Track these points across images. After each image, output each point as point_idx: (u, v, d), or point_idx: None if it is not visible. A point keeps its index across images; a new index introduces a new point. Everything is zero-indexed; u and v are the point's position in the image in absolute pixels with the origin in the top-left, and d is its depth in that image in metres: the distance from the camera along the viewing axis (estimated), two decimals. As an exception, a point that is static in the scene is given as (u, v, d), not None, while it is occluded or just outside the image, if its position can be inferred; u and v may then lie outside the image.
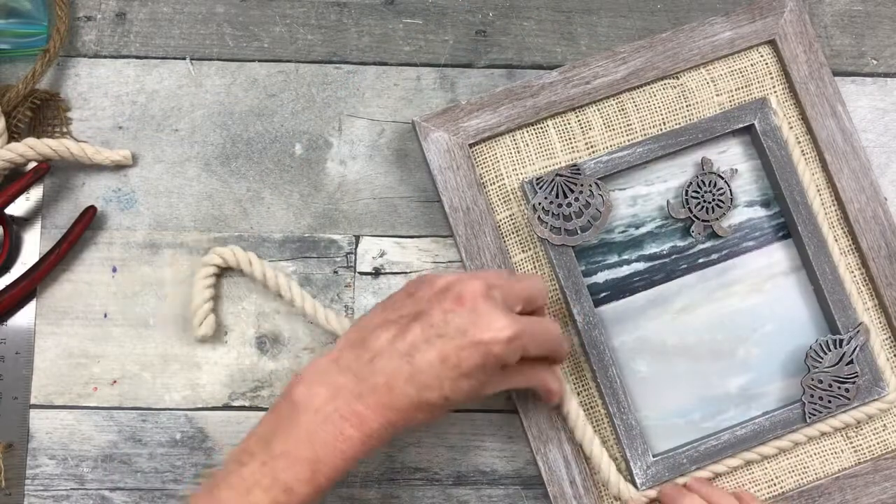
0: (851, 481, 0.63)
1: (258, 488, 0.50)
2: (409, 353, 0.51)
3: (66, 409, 0.64)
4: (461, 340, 0.51)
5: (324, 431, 0.51)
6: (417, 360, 0.51)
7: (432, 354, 0.51)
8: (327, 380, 0.52)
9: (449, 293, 0.53)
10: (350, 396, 0.51)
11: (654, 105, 0.65)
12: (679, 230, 0.65)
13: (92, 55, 0.67)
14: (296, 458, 0.50)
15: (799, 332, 0.65)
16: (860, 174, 0.65)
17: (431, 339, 0.51)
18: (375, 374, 0.51)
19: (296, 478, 0.50)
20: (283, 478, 0.50)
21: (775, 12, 0.66)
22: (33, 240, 0.65)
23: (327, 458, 0.51)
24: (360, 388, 0.51)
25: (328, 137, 0.67)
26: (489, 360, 0.52)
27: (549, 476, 0.62)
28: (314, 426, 0.51)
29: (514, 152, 0.65)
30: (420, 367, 0.51)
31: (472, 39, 0.68)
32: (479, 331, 0.51)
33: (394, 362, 0.51)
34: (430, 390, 0.51)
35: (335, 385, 0.52)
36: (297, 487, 0.50)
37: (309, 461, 0.50)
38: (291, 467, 0.50)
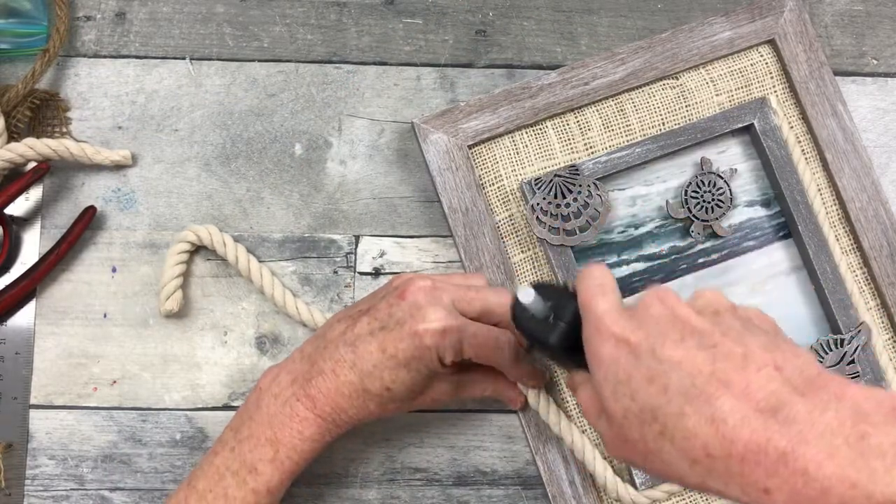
0: (852, 482, 0.63)
1: (228, 472, 0.54)
2: (353, 342, 0.55)
3: (65, 409, 0.64)
4: (398, 331, 0.54)
5: (281, 413, 0.55)
6: (360, 349, 0.54)
7: (373, 345, 0.54)
8: (290, 367, 0.57)
9: (397, 290, 0.56)
10: (303, 380, 0.55)
11: (653, 105, 0.65)
12: (678, 230, 0.65)
13: (92, 55, 0.67)
14: (258, 440, 0.55)
15: (800, 331, 0.65)
16: (861, 173, 0.65)
17: (374, 330, 0.55)
18: (325, 361, 0.55)
19: (259, 458, 0.54)
20: (250, 459, 0.54)
21: (775, 12, 0.66)
22: (33, 240, 0.65)
23: (285, 438, 0.54)
24: (312, 373, 0.55)
25: (328, 137, 0.67)
26: (423, 351, 0.54)
27: (549, 476, 0.62)
28: (274, 408, 0.55)
29: (513, 153, 0.65)
30: (362, 355, 0.54)
31: (472, 39, 0.68)
32: (414, 322, 0.54)
33: (340, 351, 0.55)
34: (371, 378, 0.54)
35: (294, 371, 0.56)
36: (261, 467, 0.54)
37: (270, 441, 0.54)
38: (255, 448, 0.54)
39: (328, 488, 0.63)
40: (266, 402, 0.56)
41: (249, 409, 0.56)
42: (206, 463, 0.56)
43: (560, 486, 0.62)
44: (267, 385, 0.56)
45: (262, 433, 0.55)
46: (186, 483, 0.56)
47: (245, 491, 0.54)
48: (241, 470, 0.54)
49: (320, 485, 0.63)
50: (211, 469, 0.55)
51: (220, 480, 0.54)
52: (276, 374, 0.57)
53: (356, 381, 0.55)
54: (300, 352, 0.57)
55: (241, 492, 0.54)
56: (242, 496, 0.54)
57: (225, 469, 0.55)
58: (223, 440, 0.56)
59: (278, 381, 0.56)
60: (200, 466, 0.56)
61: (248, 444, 0.55)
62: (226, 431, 0.57)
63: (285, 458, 0.55)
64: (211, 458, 0.56)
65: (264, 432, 0.55)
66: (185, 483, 0.56)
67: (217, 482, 0.54)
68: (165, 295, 0.63)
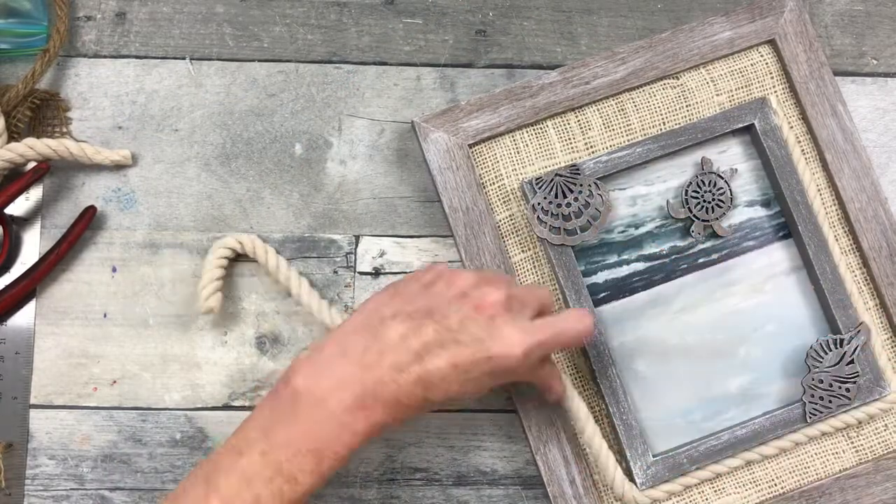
0: (853, 481, 0.63)
1: (259, 479, 0.49)
2: (420, 354, 0.51)
3: (66, 409, 0.64)
4: (475, 349, 0.51)
5: (328, 423, 0.50)
6: (428, 362, 0.50)
7: (444, 360, 0.50)
8: (333, 370, 0.51)
9: (469, 298, 0.52)
10: (356, 389, 0.50)
11: (653, 105, 0.65)
12: (679, 230, 0.65)
13: (92, 55, 0.67)
14: (299, 449, 0.50)
15: (799, 331, 0.65)
16: (861, 173, 0.65)
17: (446, 343, 0.51)
18: (384, 370, 0.50)
19: (300, 468, 0.50)
20: (287, 468, 0.49)
21: (775, 12, 0.66)
22: (33, 240, 0.65)
23: (331, 450, 0.50)
24: (367, 382, 0.50)
25: (328, 137, 0.67)
26: (499, 371, 0.52)
27: (549, 476, 0.62)
28: (319, 417, 0.50)
29: (513, 153, 0.65)
30: (430, 370, 0.50)
31: (472, 39, 0.68)
32: (494, 344, 0.51)
33: (403, 361, 0.51)
34: (436, 391, 0.51)
35: (341, 376, 0.51)
36: (302, 478, 0.50)
37: (313, 452, 0.50)
38: (295, 458, 0.50)
39: (328, 488, 0.63)
40: (307, 407, 0.50)
41: (283, 411, 0.51)
42: (227, 462, 0.50)
43: (560, 486, 0.62)
44: (306, 387, 0.51)
45: (305, 443, 0.50)
46: (203, 480, 0.50)
47: (280, 500, 0.49)
48: (275, 478, 0.49)
49: (320, 485, 0.63)
50: (235, 471, 0.50)
51: (248, 487, 0.49)
52: (312, 372, 0.51)
53: (420, 395, 0.51)
54: (341, 350, 0.52)
55: (276, 500, 0.49)
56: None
57: (254, 475, 0.49)
58: (249, 440, 0.51)
59: (320, 385, 0.51)
60: (220, 465, 0.50)
61: (286, 451, 0.50)
62: (250, 429, 0.51)
63: (327, 469, 0.50)
64: (234, 458, 0.50)
65: (307, 443, 0.50)
66: (202, 480, 0.50)
67: (245, 488, 0.49)
68: (206, 295, 0.62)
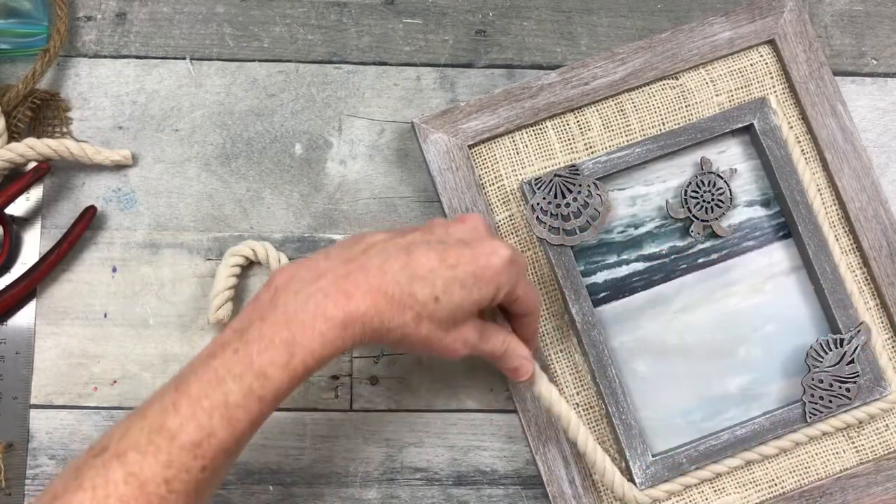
0: (853, 481, 0.63)
1: (230, 377, 0.47)
2: (407, 247, 0.50)
3: (66, 409, 0.64)
4: (462, 248, 0.51)
5: (303, 311, 0.48)
6: (415, 254, 0.50)
7: (432, 253, 0.50)
8: (313, 265, 0.50)
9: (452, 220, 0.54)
10: (336, 276, 0.49)
11: (653, 105, 0.65)
12: (678, 230, 0.65)
13: (92, 55, 0.67)
14: (271, 341, 0.47)
15: (799, 331, 0.65)
16: (861, 173, 0.65)
17: (432, 242, 0.51)
18: (369, 259, 0.49)
19: (271, 362, 0.47)
20: (258, 362, 0.47)
21: (775, 12, 0.66)
22: (33, 240, 0.65)
23: (305, 341, 0.47)
24: (349, 269, 0.49)
25: (328, 137, 0.67)
26: (485, 271, 0.51)
27: (549, 476, 0.62)
28: (293, 306, 0.48)
29: (513, 153, 0.65)
30: (417, 259, 0.50)
31: (472, 39, 0.68)
32: (480, 245, 0.51)
33: (390, 251, 0.50)
34: (422, 283, 0.49)
35: (321, 268, 0.49)
36: (272, 372, 0.47)
37: (285, 343, 0.47)
38: (266, 351, 0.47)
39: (328, 488, 0.63)
40: (284, 300, 0.48)
41: (261, 309, 0.49)
42: (199, 364, 0.48)
43: (560, 485, 0.62)
44: (284, 282, 0.49)
45: (277, 334, 0.47)
46: (174, 387, 0.47)
47: (250, 399, 0.47)
48: (245, 374, 0.47)
49: (320, 485, 0.63)
50: (207, 371, 0.47)
51: (218, 385, 0.46)
52: (293, 271, 0.50)
53: (404, 283, 0.49)
54: (323, 253, 0.51)
55: (246, 399, 0.46)
56: (246, 405, 0.46)
57: (225, 372, 0.47)
58: (223, 341, 0.48)
59: (299, 278, 0.49)
60: (192, 368, 0.48)
61: (258, 345, 0.47)
62: (226, 332, 0.49)
63: (300, 364, 0.47)
64: (206, 360, 0.47)
65: (279, 332, 0.47)
66: (172, 386, 0.47)
67: (215, 387, 0.46)
68: (216, 305, 0.62)
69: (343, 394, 0.64)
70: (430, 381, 0.65)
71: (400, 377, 0.65)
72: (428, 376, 0.65)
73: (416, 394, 0.65)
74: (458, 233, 0.53)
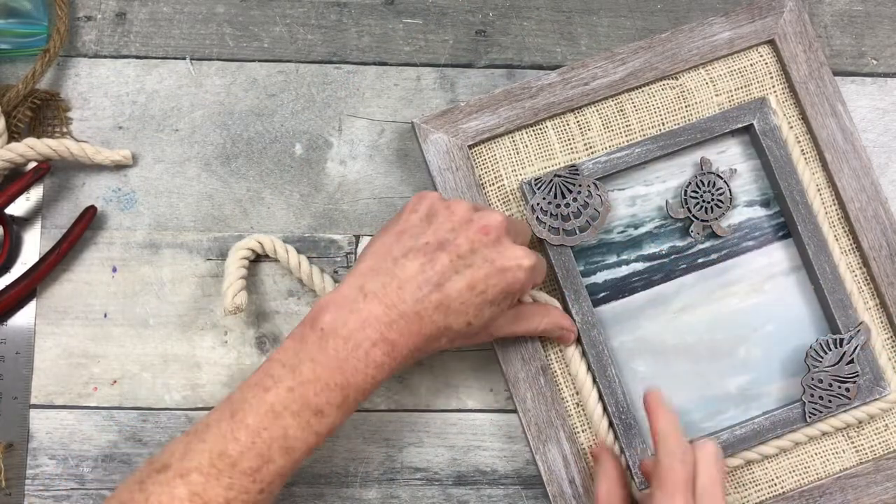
0: (853, 481, 0.63)
1: (287, 413, 0.51)
2: (438, 282, 0.53)
3: (66, 409, 0.64)
4: (489, 269, 0.54)
5: (354, 358, 0.52)
6: (447, 288, 0.53)
7: (461, 283, 0.53)
8: (355, 307, 0.53)
9: (472, 223, 0.55)
10: (380, 324, 0.52)
11: (653, 106, 0.65)
12: (678, 230, 0.65)
13: (92, 55, 0.67)
14: (326, 385, 0.52)
15: (799, 331, 0.65)
16: (861, 173, 0.65)
17: (460, 269, 0.54)
18: (405, 303, 0.53)
19: (327, 402, 0.52)
20: (315, 402, 0.51)
21: (775, 12, 0.66)
22: (33, 240, 0.65)
23: (357, 384, 0.52)
24: (390, 316, 0.53)
25: (328, 137, 0.67)
26: (513, 286, 0.55)
27: (549, 476, 0.62)
28: (345, 353, 0.52)
29: (513, 153, 0.65)
30: (449, 294, 0.53)
31: (472, 39, 0.68)
32: (505, 260, 0.54)
33: (423, 291, 0.53)
34: (457, 316, 0.54)
35: (364, 313, 0.53)
36: (328, 411, 0.52)
37: (340, 387, 0.52)
38: (322, 392, 0.52)
39: (328, 488, 0.63)
40: (335, 345, 0.52)
41: (310, 350, 0.52)
42: (253, 398, 0.52)
43: (560, 485, 0.62)
44: (331, 327, 0.53)
45: (331, 378, 0.52)
46: (229, 414, 0.52)
47: (308, 433, 0.51)
48: (303, 411, 0.51)
49: (320, 484, 0.63)
50: (263, 405, 0.51)
51: (276, 419, 0.51)
52: (337, 312, 0.53)
53: (441, 322, 0.53)
54: (360, 290, 0.54)
55: (304, 433, 0.51)
56: (304, 437, 0.51)
57: (282, 408, 0.51)
58: (275, 377, 0.52)
59: (346, 325, 0.52)
60: (244, 397, 0.52)
61: (313, 387, 0.52)
62: (275, 366, 0.53)
63: (353, 403, 0.53)
64: (260, 395, 0.52)
65: (333, 377, 0.52)
66: (227, 413, 0.52)
67: (273, 420, 0.51)
68: (233, 292, 0.62)
69: (343, 394, 0.64)
70: (430, 381, 0.65)
71: (400, 377, 0.65)
72: (428, 376, 0.65)
73: (416, 394, 0.65)
74: (484, 250, 0.54)
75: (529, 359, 0.63)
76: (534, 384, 0.62)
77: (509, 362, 0.63)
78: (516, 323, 0.59)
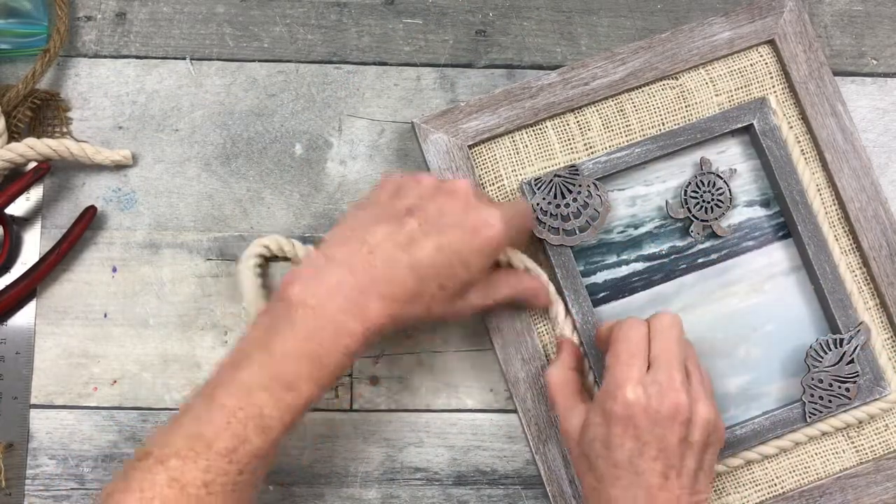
0: (853, 481, 0.63)
1: (259, 389, 0.50)
2: (407, 244, 0.52)
3: (66, 409, 0.64)
4: (458, 230, 0.53)
5: (325, 329, 0.51)
6: (416, 251, 0.52)
7: (430, 245, 0.52)
8: (325, 277, 0.52)
9: (440, 190, 0.55)
10: (350, 291, 0.51)
11: (652, 106, 0.65)
12: (678, 230, 0.65)
13: (92, 55, 0.67)
14: (298, 357, 0.50)
15: (799, 331, 0.65)
16: (861, 173, 0.65)
17: (429, 232, 0.53)
18: (375, 267, 0.52)
19: (299, 376, 0.50)
20: (288, 378, 0.50)
21: (775, 12, 0.66)
22: (33, 240, 0.65)
23: (330, 355, 0.51)
24: (360, 282, 0.51)
25: (328, 137, 0.67)
26: (485, 246, 0.54)
27: (549, 475, 0.62)
28: (315, 323, 0.51)
29: (513, 153, 0.65)
30: (419, 257, 0.52)
31: (472, 39, 0.68)
32: (473, 220, 0.54)
33: (393, 254, 0.52)
34: (428, 280, 0.53)
35: (333, 281, 0.51)
36: (301, 385, 0.51)
37: (311, 358, 0.51)
38: (294, 366, 0.50)
39: (328, 488, 0.63)
40: (303, 316, 0.51)
41: (278, 324, 0.51)
42: (226, 375, 0.51)
43: (560, 485, 0.62)
44: (300, 297, 0.51)
45: (301, 350, 0.50)
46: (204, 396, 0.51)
47: (282, 409, 0.50)
48: (274, 387, 0.50)
49: (320, 485, 0.63)
50: (235, 384, 0.50)
51: (249, 397, 0.50)
52: (305, 284, 0.52)
53: (411, 285, 0.52)
54: (329, 260, 0.52)
55: (279, 410, 0.50)
56: (279, 415, 0.50)
57: (254, 386, 0.50)
58: (247, 354, 0.51)
59: (314, 293, 0.51)
60: (219, 379, 0.51)
61: (284, 362, 0.50)
62: (246, 344, 0.52)
63: (326, 375, 0.51)
64: (232, 373, 0.51)
65: (305, 349, 0.50)
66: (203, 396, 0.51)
67: (246, 399, 0.50)
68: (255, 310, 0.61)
69: (343, 394, 0.64)
70: (430, 381, 0.65)
71: (400, 377, 0.65)
72: (428, 376, 0.65)
73: (416, 394, 0.65)
74: (453, 212, 0.54)
75: (529, 359, 0.63)
76: (534, 384, 0.62)
77: (509, 362, 0.63)
78: (489, 293, 0.58)
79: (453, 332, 0.65)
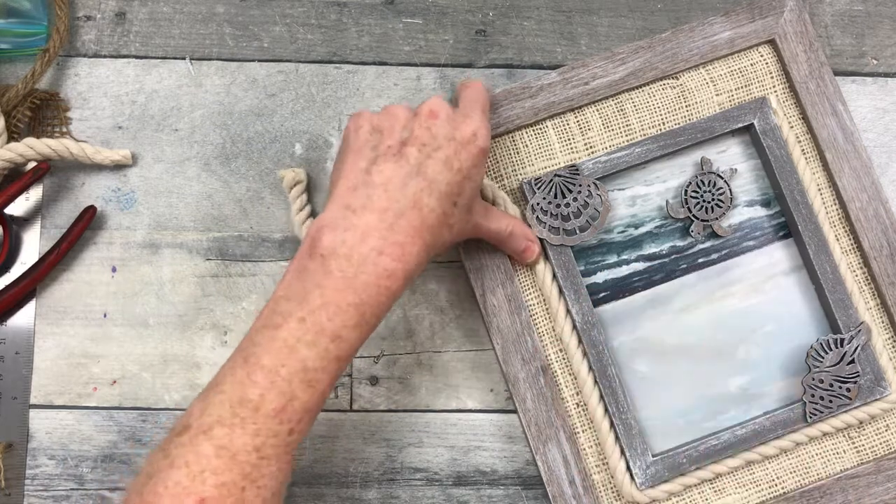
0: (854, 482, 0.63)
1: (303, 344, 0.49)
2: (417, 170, 0.53)
3: (66, 409, 0.64)
4: (455, 145, 0.54)
5: (364, 273, 0.50)
6: (428, 173, 0.53)
7: (438, 164, 0.53)
8: (351, 224, 0.51)
9: (419, 114, 0.55)
10: (380, 231, 0.51)
11: (653, 105, 0.65)
12: (678, 230, 0.65)
13: (92, 55, 0.67)
14: (338, 307, 0.50)
15: (799, 331, 0.65)
16: (861, 173, 0.65)
17: (430, 153, 0.53)
18: (397, 201, 0.52)
19: (343, 325, 0.50)
20: (330, 327, 0.50)
21: (775, 12, 0.66)
22: (33, 240, 0.65)
23: (372, 299, 0.50)
24: (388, 220, 0.51)
25: (328, 137, 0.67)
26: (480, 155, 0.55)
27: (549, 476, 0.62)
28: (352, 271, 0.50)
29: (513, 153, 0.65)
30: (433, 177, 0.53)
31: (472, 39, 0.68)
32: (463, 133, 0.54)
33: (407, 182, 0.52)
34: (446, 198, 0.53)
35: (361, 226, 0.51)
36: (346, 334, 0.50)
37: (354, 305, 0.50)
38: (336, 316, 0.50)
39: (328, 488, 0.63)
40: (339, 265, 0.50)
41: (315, 278, 0.50)
42: (261, 337, 0.50)
43: (560, 486, 0.62)
44: (330, 249, 0.51)
45: (343, 299, 0.50)
46: (242, 361, 0.49)
47: (328, 360, 0.50)
48: (320, 339, 0.49)
49: (320, 485, 0.63)
50: (276, 343, 0.49)
51: (291, 353, 0.49)
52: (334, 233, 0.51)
53: (436, 207, 0.52)
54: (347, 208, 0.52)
55: (324, 362, 0.49)
56: (324, 366, 0.49)
57: (296, 341, 0.49)
58: (283, 312, 0.50)
59: (345, 243, 0.51)
60: (254, 341, 0.50)
61: (325, 312, 0.50)
62: (280, 303, 0.51)
63: (371, 319, 0.51)
64: (271, 333, 0.50)
65: (345, 297, 0.50)
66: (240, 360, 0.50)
67: (288, 355, 0.49)
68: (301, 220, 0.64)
69: (343, 394, 0.64)
70: (430, 382, 0.65)
71: (400, 377, 0.65)
72: (428, 376, 0.65)
73: (416, 394, 0.65)
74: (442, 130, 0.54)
75: (529, 359, 0.63)
76: (534, 384, 0.62)
77: (509, 362, 0.63)
78: (488, 217, 0.59)
79: (453, 332, 0.65)
